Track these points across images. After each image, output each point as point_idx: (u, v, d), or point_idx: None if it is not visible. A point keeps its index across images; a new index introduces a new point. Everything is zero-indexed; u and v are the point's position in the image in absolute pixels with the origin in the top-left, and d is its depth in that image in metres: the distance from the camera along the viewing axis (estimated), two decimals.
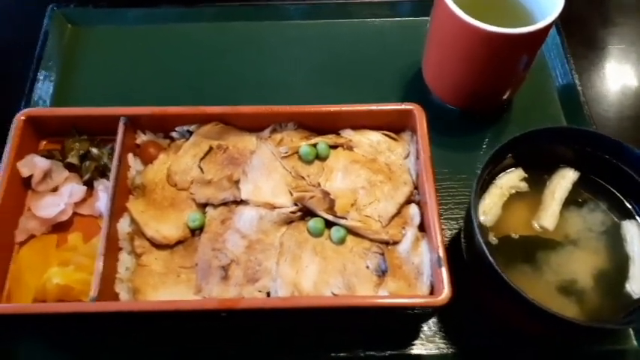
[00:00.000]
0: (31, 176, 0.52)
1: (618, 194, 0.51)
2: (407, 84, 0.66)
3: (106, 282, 0.47)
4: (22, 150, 0.52)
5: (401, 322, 0.51)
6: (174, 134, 0.56)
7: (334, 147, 0.55)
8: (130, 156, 0.53)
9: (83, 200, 0.53)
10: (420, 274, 0.48)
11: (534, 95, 0.66)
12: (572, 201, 0.51)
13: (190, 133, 0.55)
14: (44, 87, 0.64)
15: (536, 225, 0.50)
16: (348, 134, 0.56)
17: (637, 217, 0.50)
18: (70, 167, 0.54)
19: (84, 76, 0.66)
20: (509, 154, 0.50)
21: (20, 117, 0.52)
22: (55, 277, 0.47)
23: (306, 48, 0.68)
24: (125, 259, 0.50)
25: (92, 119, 0.53)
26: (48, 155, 0.53)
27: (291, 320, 0.50)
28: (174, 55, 0.67)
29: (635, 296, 0.46)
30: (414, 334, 0.51)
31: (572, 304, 0.46)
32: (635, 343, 0.52)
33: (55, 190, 0.53)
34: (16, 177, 0.51)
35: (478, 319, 0.52)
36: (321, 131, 0.56)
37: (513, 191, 0.51)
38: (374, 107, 0.55)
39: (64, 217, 0.51)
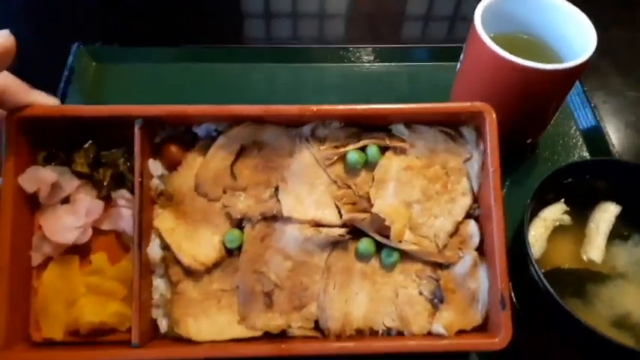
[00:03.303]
0: (36, 191, 0.44)
1: None
2: None
3: (143, 312, 0.43)
4: (20, 162, 0.44)
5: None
6: (198, 131, 0.47)
7: (385, 148, 0.48)
8: (151, 161, 0.46)
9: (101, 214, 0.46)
10: (475, 302, 0.46)
11: (559, 138, 0.66)
12: (617, 234, 0.50)
13: (218, 132, 0.47)
14: None
15: (584, 257, 0.49)
16: (400, 131, 0.48)
17: None
18: (79, 176, 0.46)
19: None
20: (552, 187, 0.49)
21: (12, 119, 0.42)
22: (88, 314, 0.43)
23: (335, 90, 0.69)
24: (159, 285, 0.45)
25: (101, 121, 0.44)
26: (50, 160, 0.45)
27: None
28: (197, 92, 0.67)
29: None
30: None
31: (628, 338, 0.46)
32: None
33: (66, 200, 0.46)
34: (21, 194, 0.44)
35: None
36: (369, 128, 0.48)
37: (557, 224, 0.50)
38: (431, 106, 0.46)
39: (84, 239, 0.45)
